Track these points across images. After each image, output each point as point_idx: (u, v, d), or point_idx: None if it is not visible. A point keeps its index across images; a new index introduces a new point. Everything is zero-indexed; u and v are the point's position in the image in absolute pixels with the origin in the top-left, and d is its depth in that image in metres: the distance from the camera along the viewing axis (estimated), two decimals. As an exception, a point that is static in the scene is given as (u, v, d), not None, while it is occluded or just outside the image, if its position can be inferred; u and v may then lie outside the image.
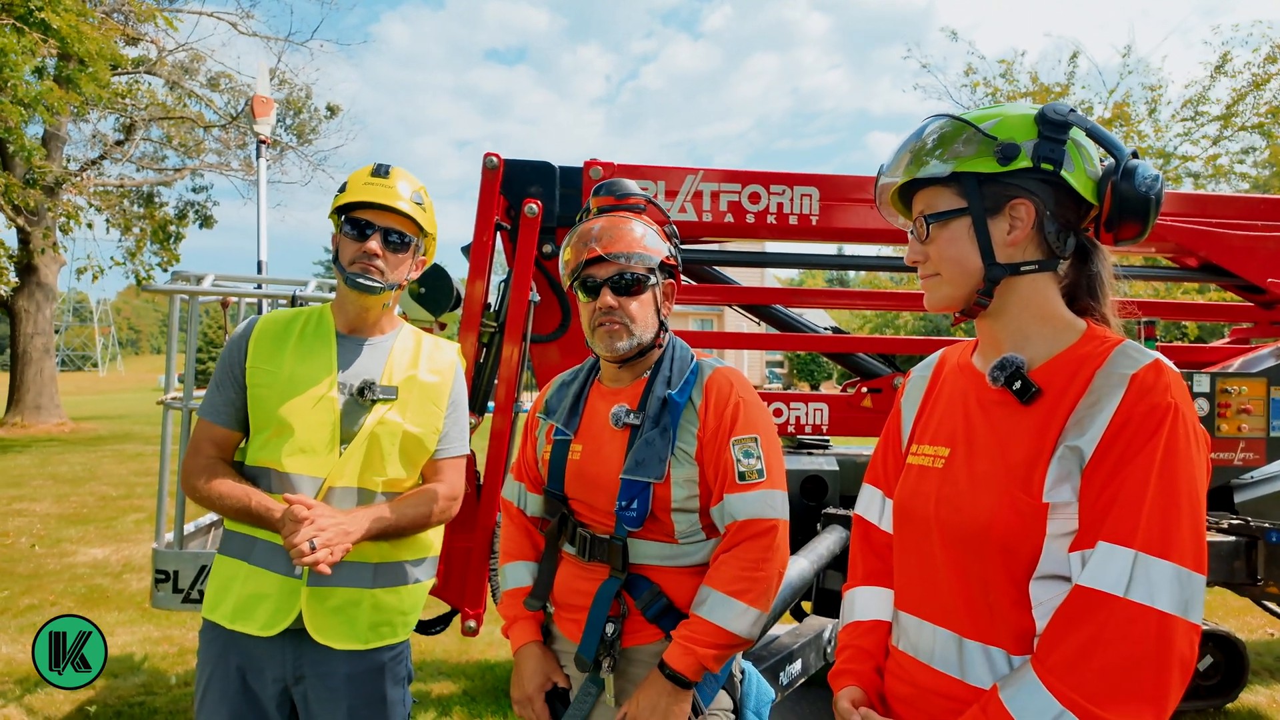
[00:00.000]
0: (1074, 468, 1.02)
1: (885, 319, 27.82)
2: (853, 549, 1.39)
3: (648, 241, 1.63)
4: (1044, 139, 1.09)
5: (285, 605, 1.66)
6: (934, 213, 1.16)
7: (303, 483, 1.69)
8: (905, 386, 1.37)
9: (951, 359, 1.30)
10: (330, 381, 1.74)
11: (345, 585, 1.71)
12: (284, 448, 1.69)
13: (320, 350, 1.78)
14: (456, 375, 1.92)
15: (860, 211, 3.57)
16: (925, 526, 1.16)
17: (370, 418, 1.73)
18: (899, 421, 1.35)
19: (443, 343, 1.95)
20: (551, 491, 1.67)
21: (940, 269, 1.17)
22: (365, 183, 1.78)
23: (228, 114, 19.35)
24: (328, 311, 1.85)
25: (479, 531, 3.29)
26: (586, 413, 1.68)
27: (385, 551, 1.77)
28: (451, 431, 1.89)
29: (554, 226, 3.41)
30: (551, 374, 3.62)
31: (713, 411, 1.56)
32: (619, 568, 1.53)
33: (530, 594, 1.68)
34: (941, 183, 1.15)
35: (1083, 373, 1.07)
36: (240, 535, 1.73)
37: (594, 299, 1.60)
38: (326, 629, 1.68)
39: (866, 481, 1.40)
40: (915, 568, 1.19)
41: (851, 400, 3.89)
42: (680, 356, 1.66)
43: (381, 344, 1.84)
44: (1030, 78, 17.50)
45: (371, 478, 1.74)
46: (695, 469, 1.54)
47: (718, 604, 1.46)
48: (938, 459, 1.19)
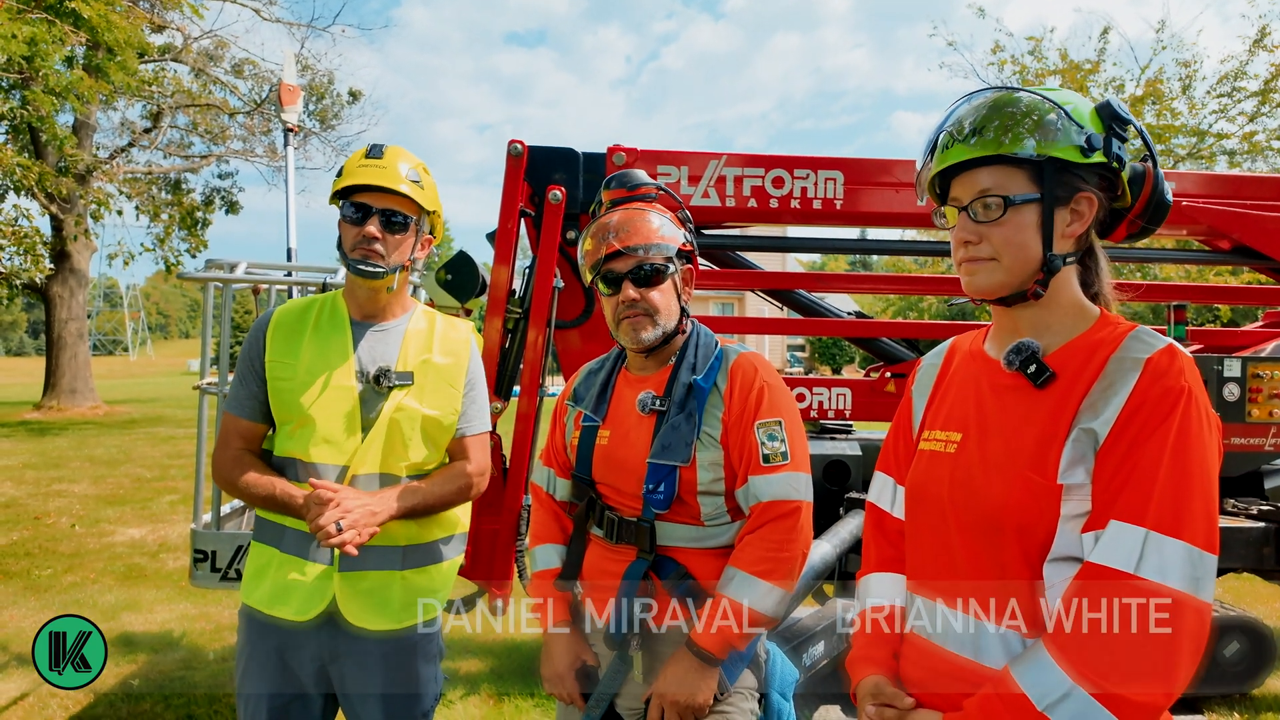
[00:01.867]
0: (1088, 450, 1.03)
1: (908, 302, 27.52)
2: (866, 536, 1.41)
3: (664, 231, 1.66)
4: (1113, 135, 1.09)
5: (319, 591, 1.71)
6: (1008, 194, 1.11)
7: (328, 471, 1.72)
8: (915, 374, 1.38)
9: (963, 346, 1.31)
10: (347, 370, 1.76)
11: (376, 569, 1.75)
12: (308, 438, 1.72)
13: (335, 339, 1.79)
14: (472, 353, 1.93)
15: (886, 195, 3.55)
16: (939, 510, 1.18)
17: (388, 405, 1.76)
18: (910, 409, 1.36)
19: (456, 322, 1.96)
20: (580, 476, 1.71)
21: (1000, 254, 1.13)
22: (360, 165, 1.76)
23: (252, 100, 19.52)
24: (340, 299, 1.85)
25: (505, 514, 3.35)
26: (614, 400, 1.71)
27: (413, 533, 1.80)
28: (470, 410, 1.91)
29: (577, 213, 3.43)
30: (574, 359, 3.71)
31: (737, 396, 1.59)
32: (646, 549, 1.57)
33: (559, 575, 1.72)
34: (1017, 163, 1.11)
35: (1096, 357, 1.08)
36: (271, 523, 1.77)
37: (616, 292, 1.64)
38: (359, 612, 1.73)
39: (878, 469, 1.42)
40: (929, 551, 1.21)
41: (875, 385, 3.89)
42: (704, 343, 1.69)
43: (395, 328, 1.85)
44: (1060, 54, 17.12)
45: (395, 463, 1.77)
46: (720, 453, 1.57)
47: (743, 584, 1.49)
48: (950, 444, 1.20)
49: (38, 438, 13.17)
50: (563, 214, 3.32)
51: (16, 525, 7.00)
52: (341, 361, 1.76)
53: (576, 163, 3.43)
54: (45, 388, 17.70)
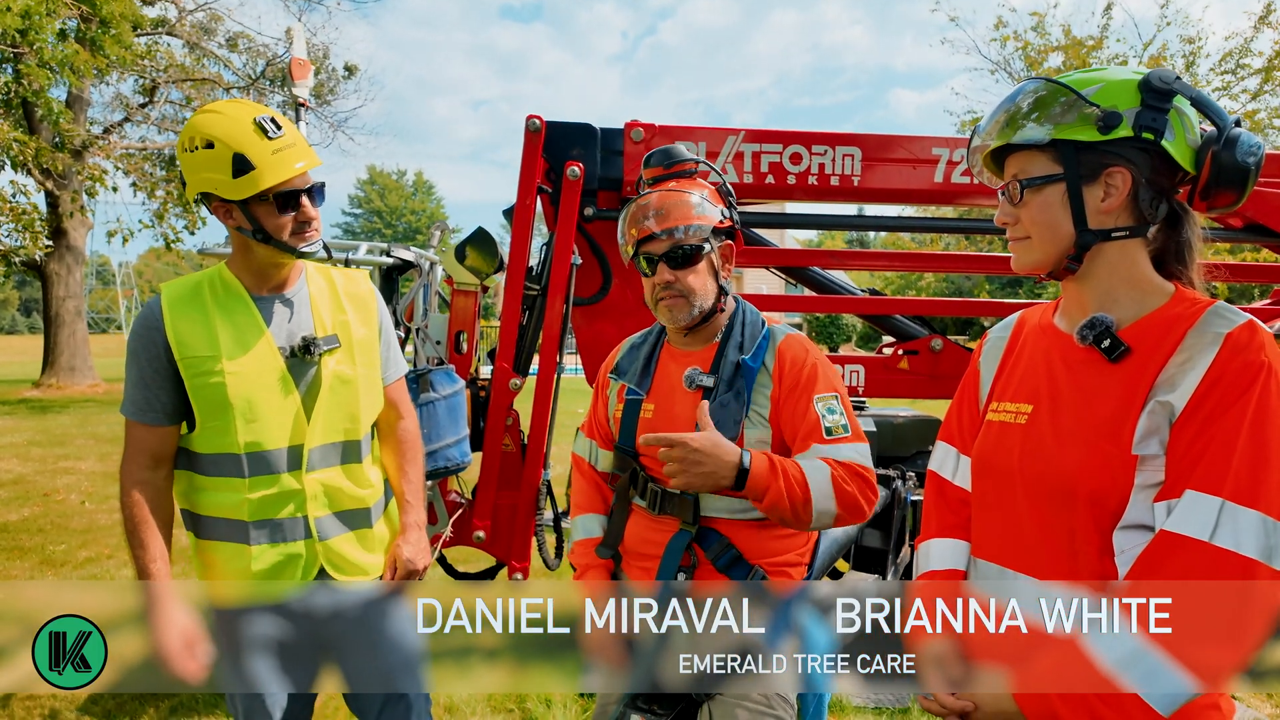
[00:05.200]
0: (1163, 422, 1.07)
1: (907, 280, 27.53)
2: (926, 503, 1.45)
3: (701, 210, 1.66)
4: (1147, 107, 1.11)
5: (310, 560, 1.76)
6: (1028, 178, 1.18)
7: (278, 456, 1.69)
8: (982, 347, 1.41)
9: (1031, 320, 1.34)
10: (269, 348, 1.70)
11: (352, 529, 1.82)
12: (249, 427, 1.66)
13: (244, 318, 1.70)
14: (378, 301, 1.92)
15: (903, 172, 3.55)
16: (1008, 479, 1.22)
17: (325, 371, 1.74)
18: (976, 381, 1.39)
19: (352, 273, 1.93)
20: (623, 448, 1.74)
21: (1031, 233, 1.20)
22: (275, 154, 1.62)
23: (246, 75, 19.28)
24: (228, 275, 1.73)
25: (524, 489, 3.39)
26: (658, 374, 1.74)
27: (366, 496, 1.85)
28: (389, 355, 1.94)
29: (595, 189, 3.43)
30: (592, 337, 3.73)
31: (788, 374, 1.62)
32: (689, 521, 1.60)
33: (601, 543, 1.76)
34: (1038, 147, 1.17)
35: (1174, 332, 1.11)
36: (223, 521, 1.71)
37: (654, 273, 1.66)
38: (345, 569, 1.80)
39: (941, 439, 1.45)
40: (997, 519, 1.25)
41: (888, 362, 3.91)
42: (751, 320, 1.71)
43: (298, 294, 1.79)
44: (1063, 30, 17.03)
45: (347, 428, 1.79)
46: (768, 431, 1.61)
47: (807, 463, 1.52)
48: (1020, 415, 1.23)
49: (40, 415, 13.16)
50: (580, 190, 3.32)
51: (27, 502, 7.03)
52: (262, 342, 1.70)
53: (594, 138, 3.42)
54: (44, 365, 17.65)
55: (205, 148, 1.61)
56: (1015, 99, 1.19)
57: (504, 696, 3.30)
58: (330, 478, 1.78)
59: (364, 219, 55.02)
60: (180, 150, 1.66)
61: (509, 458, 3.44)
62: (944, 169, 3.58)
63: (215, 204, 1.67)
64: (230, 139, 1.60)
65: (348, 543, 1.81)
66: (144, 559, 1.65)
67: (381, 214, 54.21)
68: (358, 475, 1.83)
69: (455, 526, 3.35)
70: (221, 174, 1.61)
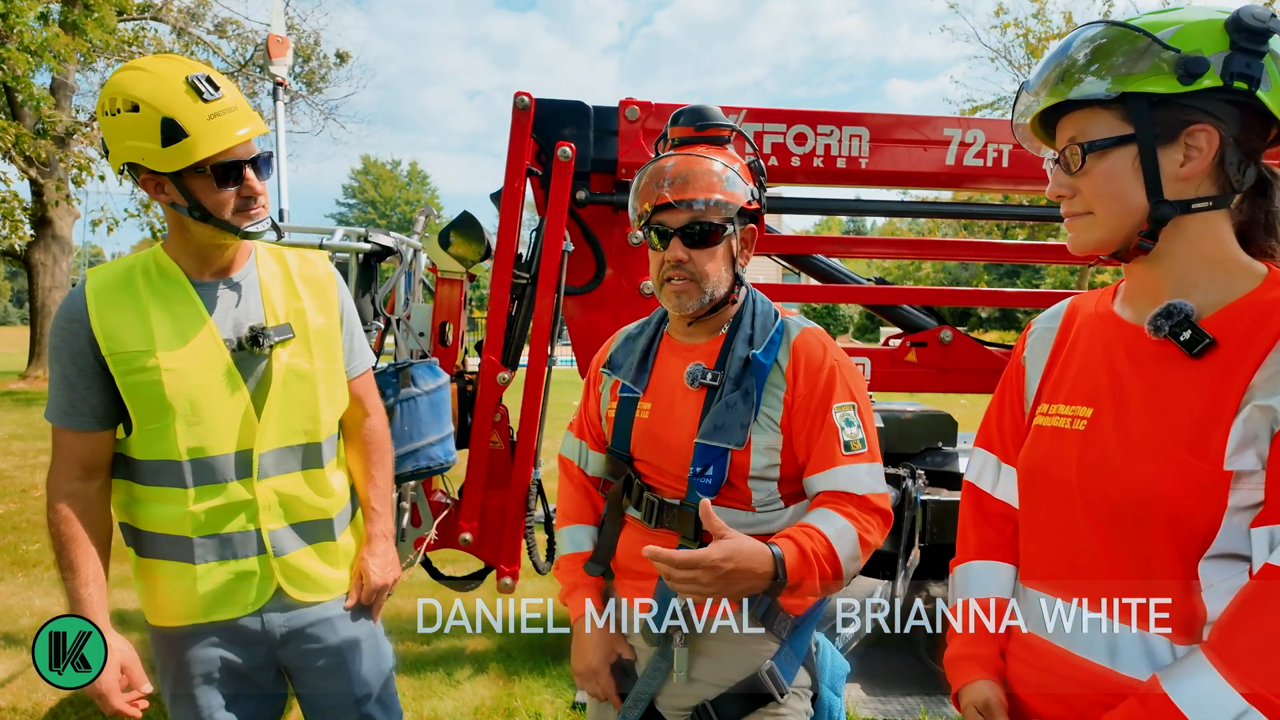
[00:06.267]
0: (1263, 431, 0.89)
1: (905, 269, 27.34)
2: (963, 519, 1.27)
3: (729, 184, 1.45)
4: (1238, 51, 0.92)
5: (266, 578, 1.57)
6: (1089, 140, 1.00)
7: (225, 462, 1.50)
8: (1026, 340, 1.23)
9: (1085, 307, 1.16)
10: (212, 339, 1.50)
11: (313, 542, 1.63)
12: (191, 430, 1.47)
13: (182, 306, 1.50)
14: (338, 285, 1.72)
15: (914, 154, 3.37)
16: (1065, 495, 1.04)
17: (276, 366, 1.55)
18: (1021, 379, 1.21)
19: (309, 254, 1.72)
20: (616, 451, 1.55)
21: (1094, 206, 1.02)
22: (212, 119, 1.40)
23: (235, 61, 18.95)
24: (164, 259, 1.53)
25: (514, 488, 3.21)
26: (656, 369, 1.55)
27: (329, 505, 1.66)
28: (353, 345, 1.74)
29: (588, 171, 3.24)
30: (585, 328, 3.54)
31: (804, 376, 1.43)
32: (690, 536, 1.42)
33: (591, 558, 1.58)
34: (1102, 104, 0.99)
35: (1270, 322, 0.93)
36: (164, 536, 1.52)
37: (664, 248, 1.46)
38: (306, 586, 1.61)
39: (978, 445, 1.27)
40: (1051, 540, 1.07)
41: (895, 354, 3.74)
42: (762, 312, 1.52)
43: (246, 279, 1.58)
44: (1064, 17, 16.85)
45: (307, 429, 1.60)
46: (779, 437, 1.42)
47: (822, 515, 1.35)
48: (1077, 419, 1.05)
49: (24, 408, 12.92)
50: (572, 172, 3.12)
51: (4, 498, 6.83)
52: (205, 334, 1.50)
53: (587, 117, 3.23)
54: (30, 357, 17.38)
55: (129, 111, 1.40)
56: (1070, 47, 1.01)
57: (492, 709, 3.13)
58: (286, 485, 1.59)
59: (358, 209, 54.80)
60: (100, 113, 1.45)
61: (497, 455, 3.26)
62: (956, 151, 3.40)
63: (144, 177, 1.47)
64: (158, 101, 1.39)
65: (307, 557, 1.63)
66: (74, 584, 1.46)
67: (376, 204, 53.96)
68: (319, 482, 1.65)
69: (440, 529, 3.17)
70: (149, 142, 1.40)
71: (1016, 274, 31.40)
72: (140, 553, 1.57)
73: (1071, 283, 21.94)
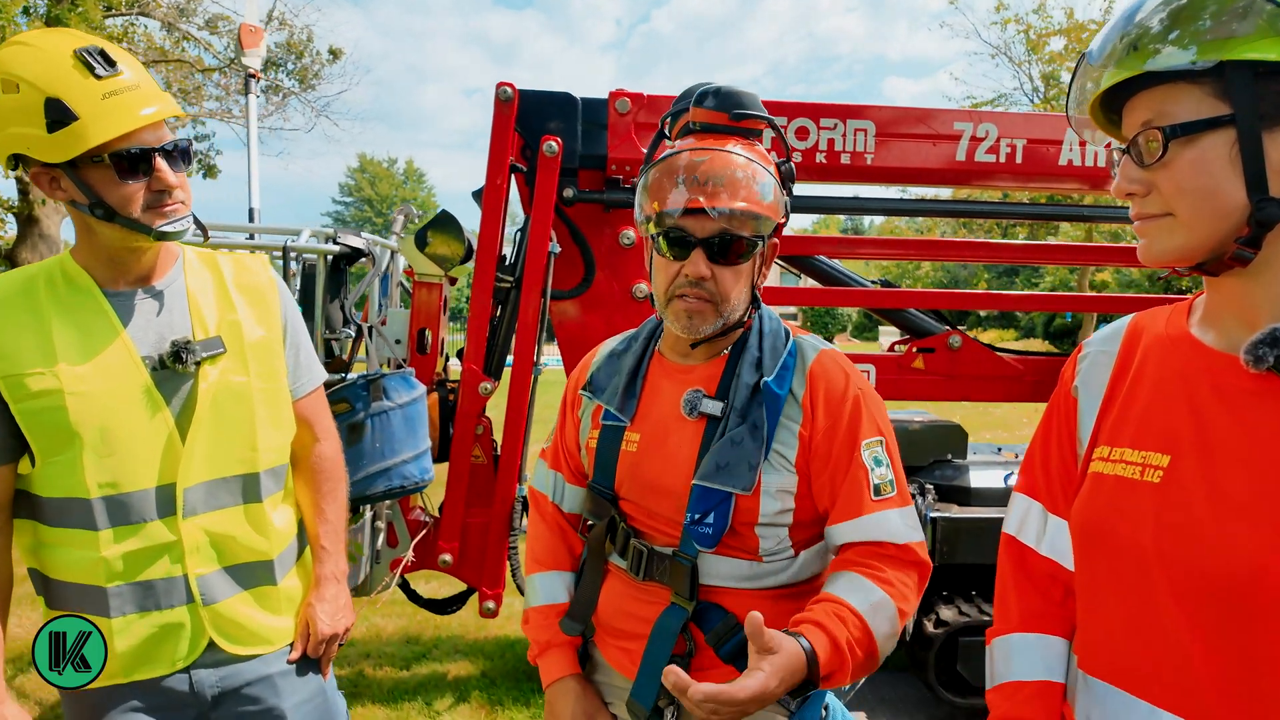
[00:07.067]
0: None
1: (903, 268, 27.13)
2: (1002, 581, 1.06)
3: (766, 194, 1.20)
4: None
5: (195, 631, 1.37)
6: (1173, 124, 0.80)
7: (145, 499, 1.30)
8: (1077, 366, 1.02)
9: (1152, 328, 0.95)
10: (128, 357, 1.31)
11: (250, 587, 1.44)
12: (98, 465, 1.27)
13: (92, 319, 1.30)
14: (280, 292, 1.52)
15: (922, 149, 3.17)
16: (1139, 564, 0.84)
17: (203, 386, 1.35)
18: (1071, 413, 1.00)
19: (244, 258, 1.53)
20: (599, 488, 1.35)
21: (1175, 206, 0.81)
22: (107, 99, 1.21)
23: (227, 58, 18.69)
24: (71, 266, 1.33)
25: (497, 505, 3.01)
26: (646, 393, 1.33)
27: (269, 545, 1.46)
28: (299, 361, 1.54)
29: (576, 167, 3.04)
30: (573, 333, 3.33)
31: (824, 408, 1.22)
32: (685, 594, 1.21)
33: (567, 613, 1.37)
34: (1189, 78, 0.79)
35: None
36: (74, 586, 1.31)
37: (681, 258, 1.21)
38: (242, 638, 1.42)
39: (1019, 491, 1.07)
40: (1120, 619, 0.87)
41: (901, 361, 3.54)
42: (771, 330, 1.30)
43: (171, 287, 1.39)
44: (1065, 13, 16.66)
45: (243, 458, 1.40)
46: (794, 478, 1.21)
47: (852, 582, 1.14)
48: (1149, 469, 0.85)
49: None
50: (559, 168, 2.92)
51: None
52: (111, 345, 1.30)
53: (575, 109, 3.02)
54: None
55: (9, 92, 1.20)
56: (1143, 7, 0.81)
57: (472, 743, 2.93)
58: (218, 523, 1.38)
59: (354, 207, 54.47)
60: None
61: (479, 470, 3.06)
62: (967, 146, 3.20)
63: (35, 171, 1.26)
64: (40, 79, 1.18)
65: (243, 605, 1.42)
66: None
67: (372, 202, 53.64)
68: (258, 519, 1.44)
69: (418, 550, 2.97)
70: (33, 128, 1.18)
71: (1015, 273, 31.23)
72: (50, 604, 1.36)
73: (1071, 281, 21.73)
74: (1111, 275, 22.95)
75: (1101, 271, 21.89)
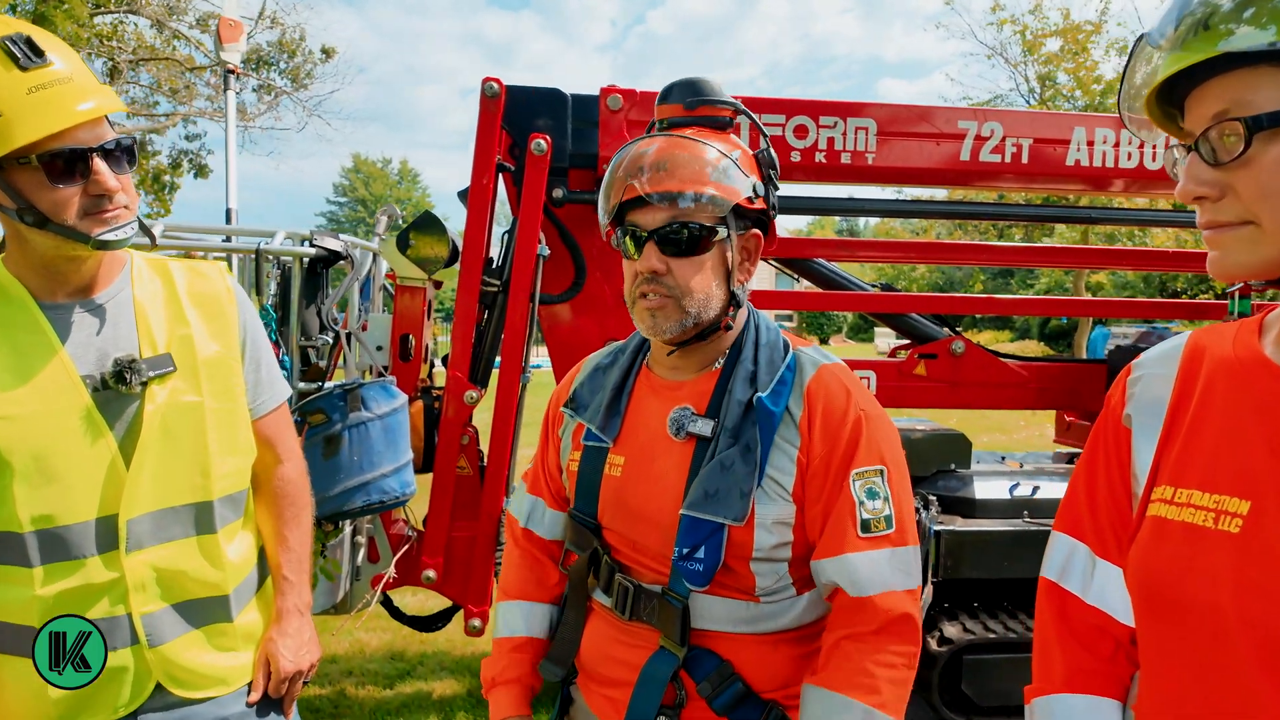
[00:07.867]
0: None
1: (900, 271, 27.06)
2: (1042, 631, 0.94)
3: (723, 175, 1.11)
4: None
5: (141, 675, 1.25)
6: (1254, 115, 0.68)
7: (84, 532, 1.19)
8: (1127, 390, 0.90)
9: (1216, 349, 0.83)
10: (66, 377, 1.20)
11: (202, 625, 1.32)
12: (31, 496, 1.16)
13: (27, 339, 1.19)
14: (238, 301, 1.40)
15: (925, 148, 3.06)
16: (1217, 626, 0.72)
17: (149, 408, 1.24)
18: (1125, 444, 0.88)
19: (199, 264, 1.40)
20: (581, 516, 1.23)
21: (1259, 212, 0.69)
22: (34, 93, 1.09)
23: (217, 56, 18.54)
24: (4, 277, 1.22)
25: (483, 518, 2.89)
26: (631, 412, 1.21)
27: (223, 579, 1.34)
28: (260, 378, 1.42)
29: (565, 167, 2.92)
30: (564, 338, 3.21)
31: (821, 429, 1.10)
32: (676, 639, 1.09)
33: (548, 656, 1.25)
34: (1272, 60, 0.67)
35: None
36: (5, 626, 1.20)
37: (637, 256, 1.13)
38: (193, 682, 1.29)
39: (1060, 530, 0.94)
40: (1194, 688, 0.74)
41: (902, 367, 3.43)
42: (768, 342, 1.18)
43: (116, 298, 1.28)
44: (1061, 14, 16.63)
45: (195, 485, 1.28)
46: (791, 508, 1.09)
47: (830, 706, 1.03)
48: (1227, 517, 0.73)
49: None
50: (548, 168, 2.80)
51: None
52: (48, 364, 1.19)
53: (564, 107, 2.91)
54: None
55: None
56: None
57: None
58: (166, 557, 1.26)
59: (348, 208, 54.27)
60: None
61: (465, 482, 2.94)
62: (971, 145, 3.09)
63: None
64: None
65: (194, 645, 1.30)
66: None
67: (366, 203, 53.46)
68: (212, 551, 1.32)
69: (400, 565, 2.84)
70: None
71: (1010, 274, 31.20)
72: None
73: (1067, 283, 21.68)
74: (1107, 277, 22.92)
75: (1097, 273, 21.84)
